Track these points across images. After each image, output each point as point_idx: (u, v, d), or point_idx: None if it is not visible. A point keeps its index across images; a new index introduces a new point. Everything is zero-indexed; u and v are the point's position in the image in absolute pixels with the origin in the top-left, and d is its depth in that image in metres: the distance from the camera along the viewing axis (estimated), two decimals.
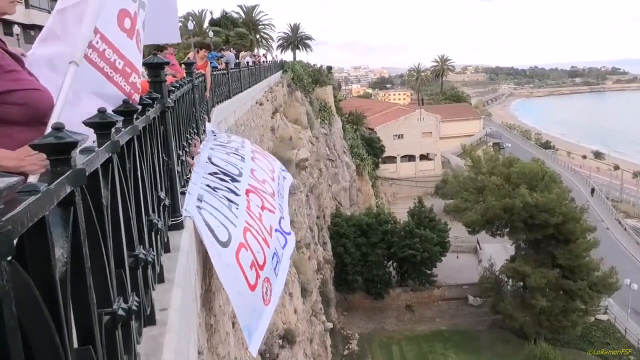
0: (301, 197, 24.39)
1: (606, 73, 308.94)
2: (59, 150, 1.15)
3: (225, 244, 4.19)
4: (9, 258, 0.79)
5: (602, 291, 34.28)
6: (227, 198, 4.92)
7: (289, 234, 6.15)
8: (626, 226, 55.71)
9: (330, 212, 40.43)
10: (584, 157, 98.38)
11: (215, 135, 7.58)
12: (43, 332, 0.95)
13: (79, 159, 1.24)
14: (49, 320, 0.96)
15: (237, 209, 4.90)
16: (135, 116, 2.17)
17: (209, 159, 5.74)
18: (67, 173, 1.13)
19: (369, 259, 37.36)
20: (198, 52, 11.00)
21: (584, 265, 33.81)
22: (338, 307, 36.91)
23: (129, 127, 1.99)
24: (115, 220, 1.66)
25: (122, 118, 1.86)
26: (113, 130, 1.64)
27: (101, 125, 1.59)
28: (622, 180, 72.78)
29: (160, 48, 10.73)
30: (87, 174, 1.27)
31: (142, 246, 2.14)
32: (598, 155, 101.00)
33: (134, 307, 1.73)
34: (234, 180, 5.43)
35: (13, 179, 0.80)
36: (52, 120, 2.00)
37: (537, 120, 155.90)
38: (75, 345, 1.23)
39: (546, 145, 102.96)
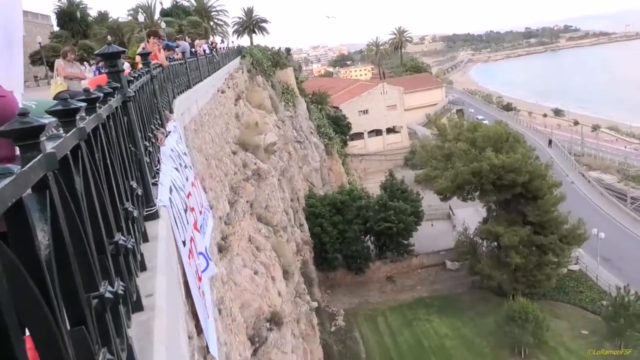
0: (273, 181, 24.34)
1: (559, 32, 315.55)
2: (27, 135, 1.14)
3: (184, 244, 4.21)
4: None
5: (572, 243, 35.51)
6: (184, 200, 4.92)
7: (211, 260, 6.27)
8: (589, 178, 57.61)
9: (304, 194, 40.53)
10: (545, 115, 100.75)
11: (178, 138, 7.44)
12: (36, 311, 0.96)
13: (47, 144, 1.23)
14: (40, 299, 0.96)
15: (189, 216, 4.92)
16: (97, 105, 2.15)
17: (170, 157, 5.67)
18: (39, 157, 1.13)
19: (346, 235, 37.74)
20: (148, 41, 10.45)
21: (553, 220, 34.92)
22: (321, 286, 37.29)
23: (93, 115, 1.97)
24: (91, 206, 1.65)
25: (85, 104, 1.84)
26: (78, 117, 1.62)
27: (65, 112, 1.57)
28: (582, 134, 75.00)
29: (154, 33, 10.27)
30: (58, 159, 1.26)
31: (120, 233, 2.13)
32: (558, 112, 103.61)
33: (120, 292, 1.73)
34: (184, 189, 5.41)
35: None
36: None
37: (497, 83, 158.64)
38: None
39: (508, 108, 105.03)
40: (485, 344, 32.00)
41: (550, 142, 71.46)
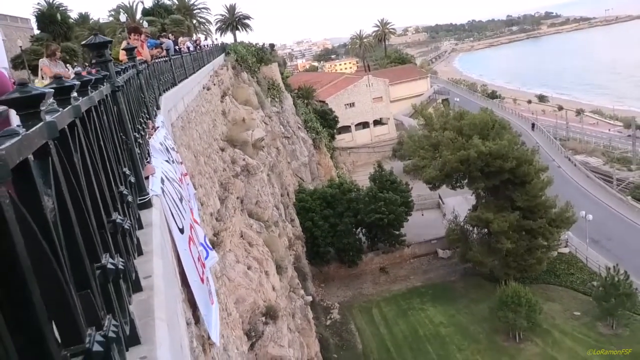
0: (263, 176, 24.33)
1: (540, 18, 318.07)
2: (28, 104, 1.17)
3: (182, 231, 4.25)
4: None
5: (560, 226, 35.87)
6: (179, 190, 4.95)
7: (211, 249, 6.37)
8: (575, 162, 58.24)
9: (294, 189, 40.55)
10: (529, 102, 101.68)
11: (166, 133, 7.48)
12: (46, 267, 0.99)
13: (46, 116, 1.26)
14: (50, 255, 1.00)
15: (187, 204, 4.95)
16: (89, 88, 2.17)
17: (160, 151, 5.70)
18: (40, 124, 1.16)
19: (337, 228, 37.82)
20: (130, 38, 10.29)
21: (541, 204, 35.25)
22: (315, 280, 37.39)
23: (86, 97, 2.00)
24: (88, 182, 1.68)
25: (78, 83, 1.87)
26: (72, 95, 1.65)
27: (60, 90, 1.60)
28: (567, 119, 75.67)
29: (135, 29, 10.15)
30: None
31: (117, 213, 2.17)
32: (542, 98, 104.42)
33: (120, 266, 1.77)
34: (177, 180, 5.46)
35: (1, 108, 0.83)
36: None
37: (481, 72, 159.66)
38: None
39: (493, 96, 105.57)
40: (480, 330, 32.34)
41: (533, 125, 73.34)
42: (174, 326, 2.42)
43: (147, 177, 4.21)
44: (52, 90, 1.31)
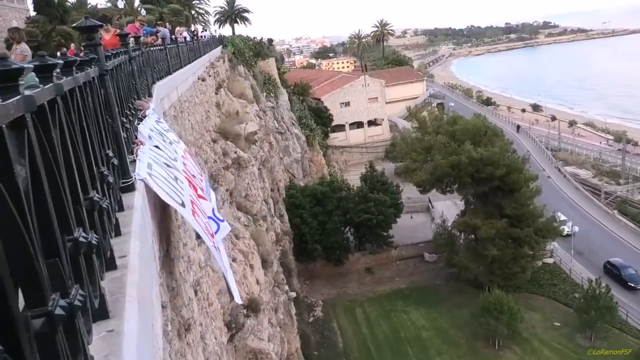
0: (253, 170, 24.34)
1: (538, 27, 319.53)
2: (6, 78, 1.21)
3: (182, 205, 4.32)
4: None
5: (547, 236, 36.24)
6: (172, 173, 5.00)
7: (222, 220, 6.44)
8: (565, 173, 58.74)
9: (284, 185, 40.57)
10: (523, 110, 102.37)
11: (158, 118, 7.53)
12: (14, 229, 1.05)
13: (25, 92, 1.31)
14: (18, 219, 1.05)
15: (183, 183, 5.01)
16: (74, 69, 2.22)
17: (149, 137, 5.74)
18: (18, 97, 1.21)
19: (326, 226, 37.90)
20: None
21: (529, 213, 35.55)
22: (300, 277, 37.46)
23: (69, 77, 2.04)
24: (67, 159, 1.73)
25: (62, 62, 1.91)
26: (55, 73, 1.70)
27: (42, 67, 1.65)
28: (559, 130, 76.32)
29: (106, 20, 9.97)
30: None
31: (95, 192, 2.22)
32: (536, 108, 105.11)
33: (93, 242, 1.82)
34: (171, 162, 5.52)
35: None
36: None
37: (477, 78, 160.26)
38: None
39: (487, 102, 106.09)
40: (460, 334, 32.58)
41: (518, 127, 76.16)
42: (146, 305, 2.47)
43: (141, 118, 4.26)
44: (32, 66, 1.37)
